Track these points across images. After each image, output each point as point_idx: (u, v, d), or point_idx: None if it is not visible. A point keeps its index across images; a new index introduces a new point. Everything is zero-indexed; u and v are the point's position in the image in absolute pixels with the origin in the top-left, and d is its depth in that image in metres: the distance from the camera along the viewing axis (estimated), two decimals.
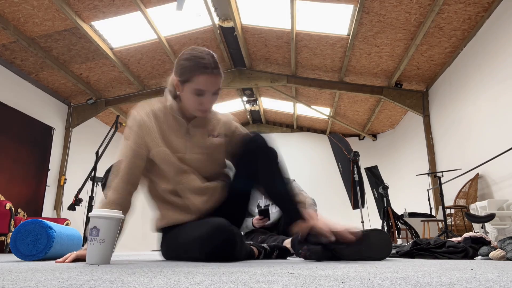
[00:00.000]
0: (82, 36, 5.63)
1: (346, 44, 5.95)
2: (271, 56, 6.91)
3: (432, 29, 5.21)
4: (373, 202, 5.66)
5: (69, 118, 7.36)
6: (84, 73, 6.67)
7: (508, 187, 4.35)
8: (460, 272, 0.81)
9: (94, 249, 1.21)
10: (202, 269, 0.93)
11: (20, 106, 6.09)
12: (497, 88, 4.57)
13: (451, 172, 5.39)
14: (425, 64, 6.12)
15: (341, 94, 7.69)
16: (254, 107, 9.21)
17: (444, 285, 0.56)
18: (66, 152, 7.17)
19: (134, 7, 5.25)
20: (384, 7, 4.97)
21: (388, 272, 0.81)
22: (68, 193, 7.02)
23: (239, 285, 0.57)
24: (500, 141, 4.47)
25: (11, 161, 5.76)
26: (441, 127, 6.28)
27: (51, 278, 0.69)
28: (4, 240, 4.69)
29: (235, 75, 7.46)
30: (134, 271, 0.87)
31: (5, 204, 4.73)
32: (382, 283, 0.59)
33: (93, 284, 0.58)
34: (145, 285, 0.56)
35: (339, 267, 1.00)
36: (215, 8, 5.54)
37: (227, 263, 1.24)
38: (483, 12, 4.76)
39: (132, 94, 7.51)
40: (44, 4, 4.91)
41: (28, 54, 5.83)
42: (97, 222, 1.23)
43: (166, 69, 7.01)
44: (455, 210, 4.91)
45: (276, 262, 1.36)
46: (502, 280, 0.63)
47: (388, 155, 9.03)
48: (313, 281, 0.62)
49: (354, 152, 4.66)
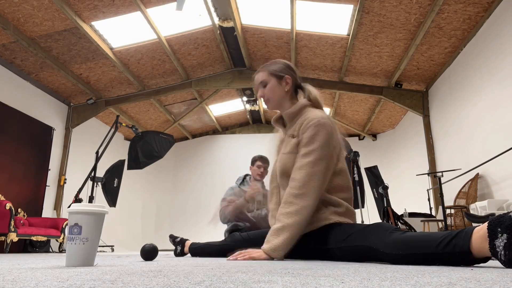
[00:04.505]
0: (82, 36, 5.63)
1: (346, 44, 5.95)
2: (271, 56, 6.91)
3: (432, 29, 5.21)
4: (373, 202, 5.66)
5: (69, 118, 7.36)
6: (84, 73, 6.67)
7: (508, 187, 4.35)
8: (460, 272, 0.81)
9: (76, 249, 1.07)
10: (202, 269, 0.93)
11: (20, 106, 6.09)
12: (497, 88, 4.57)
13: (451, 172, 5.39)
14: (425, 64, 6.12)
15: (341, 94, 7.69)
16: (254, 107, 9.21)
17: (444, 285, 0.55)
18: (66, 152, 7.17)
19: (134, 7, 5.25)
20: (384, 7, 4.97)
21: (388, 272, 0.81)
22: (68, 193, 7.02)
23: (239, 285, 0.57)
24: (500, 141, 4.47)
25: (11, 161, 5.76)
26: (441, 127, 6.28)
27: (51, 278, 0.69)
28: (4, 240, 4.69)
29: (235, 75, 7.46)
30: (134, 271, 0.87)
31: (5, 204, 4.73)
32: (382, 283, 0.59)
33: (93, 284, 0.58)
34: (145, 285, 0.56)
35: (339, 267, 1.00)
36: (215, 8, 5.54)
37: (226, 263, 1.23)
38: (483, 12, 4.76)
39: (132, 94, 7.51)
40: (44, 4, 4.91)
41: (28, 54, 5.83)
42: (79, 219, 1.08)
43: (166, 69, 7.01)
44: (455, 210, 4.91)
45: (276, 262, 1.36)
46: (502, 280, 0.63)
47: (388, 155, 9.03)
48: (313, 281, 0.62)
49: (354, 152, 4.65)
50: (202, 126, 10.12)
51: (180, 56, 6.74)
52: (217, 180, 9.86)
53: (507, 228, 0.93)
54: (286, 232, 1.50)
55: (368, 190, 5.67)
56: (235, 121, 10.28)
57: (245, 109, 9.47)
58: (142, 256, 1.67)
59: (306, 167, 1.56)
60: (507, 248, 0.92)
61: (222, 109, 9.34)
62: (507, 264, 0.92)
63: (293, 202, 1.53)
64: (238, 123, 10.43)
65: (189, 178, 10.26)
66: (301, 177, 1.55)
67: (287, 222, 1.51)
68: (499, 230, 0.95)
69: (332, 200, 1.60)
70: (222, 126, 10.41)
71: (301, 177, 1.55)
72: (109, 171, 6.66)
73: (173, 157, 10.32)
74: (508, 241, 0.92)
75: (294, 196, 1.54)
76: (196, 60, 6.98)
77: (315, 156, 1.57)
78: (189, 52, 6.67)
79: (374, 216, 6.54)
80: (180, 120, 9.11)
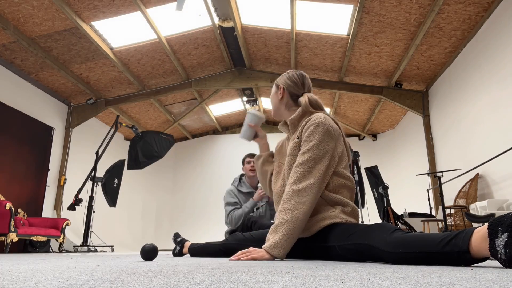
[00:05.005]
0: (82, 36, 5.63)
1: (346, 44, 5.95)
2: (271, 56, 6.91)
3: (432, 29, 5.21)
4: (373, 202, 5.66)
5: (69, 118, 7.36)
6: (84, 73, 6.66)
7: (508, 187, 4.35)
8: (460, 272, 0.81)
9: None
10: (202, 269, 0.93)
11: (20, 106, 6.09)
12: (497, 88, 4.57)
13: (451, 172, 5.39)
14: (425, 64, 6.12)
15: (341, 94, 7.69)
16: (254, 107, 9.21)
17: (444, 285, 0.55)
18: (66, 152, 7.17)
19: (134, 7, 5.25)
20: (384, 7, 4.97)
21: (388, 272, 0.81)
22: (68, 193, 7.02)
23: (239, 285, 0.57)
24: (500, 141, 4.47)
25: (11, 161, 5.76)
26: (441, 127, 6.28)
27: (51, 278, 0.69)
28: (4, 240, 4.69)
29: (235, 75, 7.46)
30: (134, 271, 0.87)
31: (5, 204, 4.73)
32: (382, 283, 0.59)
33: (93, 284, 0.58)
34: (145, 285, 0.56)
35: (339, 267, 1.00)
36: (215, 8, 5.54)
37: (226, 263, 1.24)
38: (483, 12, 4.76)
39: (132, 94, 7.51)
40: (44, 4, 4.91)
41: (28, 54, 5.83)
42: None
43: (166, 69, 7.01)
44: (455, 210, 4.91)
45: (276, 262, 1.36)
46: (502, 280, 0.63)
47: (388, 155, 9.03)
48: (313, 281, 0.62)
49: (354, 152, 4.66)
50: (202, 126, 10.12)
51: (180, 56, 6.74)
52: (217, 180, 9.86)
53: (508, 227, 0.93)
54: (284, 228, 1.52)
55: (368, 190, 5.67)
56: (235, 121, 10.28)
57: (245, 109, 9.47)
58: (142, 256, 1.67)
59: (303, 164, 1.62)
60: (507, 246, 0.92)
61: (222, 109, 9.34)
62: (507, 263, 0.93)
63: (290, 198, 1.57)
64: (238, 123, 10.43)
65: (189, 178, 10.26)
66: (298, 174, 1.61)
67: (284, 218, 1.54)
68: (500, 229, 0.95)
69: (340, 200, 1.65)
70: (222, 126, 10.41)
71: (298, 174, 1.61)
72: (109, 171, 6.66)
73: (173, 157, 10.32)
74: (509, 240, 0.92)
75: (291, 193, 1.58)
76: (196, 60, 6.98)
77: (311, 154, 1.62)
78: (189, 52, 6.67)
79: (374, 216, 6.54)
80: (180, 120, 9.11)
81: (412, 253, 1.16)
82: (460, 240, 1.06)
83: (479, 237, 1.02)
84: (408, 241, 1.20)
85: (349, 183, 1.72)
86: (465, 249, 1.04)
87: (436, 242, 1.11)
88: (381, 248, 1.26)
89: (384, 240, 1.27)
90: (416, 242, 1.17)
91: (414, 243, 1.17)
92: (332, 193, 1.67)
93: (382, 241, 1.27)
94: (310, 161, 1.61)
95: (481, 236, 1.01)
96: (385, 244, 1.25)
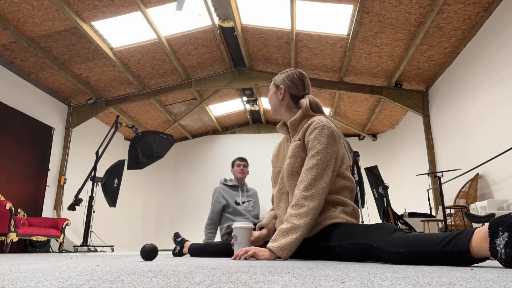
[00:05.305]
0: (82, 36, 5.63)
1: (346, 44, 5.95)
2: (271, 56, 6.91)
3: (432, 29, 5.21)
4: (373, 202, 5.66)
5: (69, 118, 7.36)
6: (84, 73, 6.67)
7: (508, 187, 4.35)
8: (460, 272, 0.81)
9: None
10: (202, 269, 0.93)
11: (20, 106, 6.09)
12: (497, 88, 4.57)
13: (451, 172, 5.39)
14: (425, 64, 6.12)
15: (341, 94, 7.69)
16: (254, 107, 9.21)
17: (444, 285, 0.55)
18: (66, 152, 7.17)
19: (134, 7, 5.26)
20: (384, 7, 4.97)
21: (388, 272, 0.81)
22: (68, 193, 7.02)
23: (239, 285, 0.57)
24: (500, 141, 4.47)
25: (11, 161, 5.76)
26: (441, 127, 6.28)
27: (51, 278, 0.69)
28: (4, 240, 4.69)
29: (235, 75, 7.46)
30: (134, 271, 0.87)
31: (5, 204, 4.73)
32: (382, 283, 0.59)
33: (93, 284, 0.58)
34: (145, 285, 0.56)
35: (339, 267, 1.00)
36: (215, 8, 5.54)
37: (226, 263, 1.24)
38: (483, 12, 4.76)
39: (132, 94, 7.51)
40: (44, 4, 4.91)
41: (28, 54, 5.83)
42: None
43: (166, 69, 7.01)
44: (455, 210, 4.91)
45: (276, 262, 1.36)
46: (502, 280, 0.63)
47: (388, 155, 9.03)
48: (313, 281, 0.62)
49: (354, 152, 4.66)
50: (202, 126, 10.12)
51: (180, 56, 6.74)
52: (217, 180, 9.84)
53: (508, 227, 0.93)
54: (296, 233, 1.54)
55: (368, 190, 5.67)
56: (235, 121, 10.28)
57: (245, 109, 9.47)
58: (142, 256, 1.67)
59: (314, 168, 1.62)
60: (508, 246, 0.92)
61: (222, 109, 9.34)
62: (507, 263, 0.92)
63: (303, 204, 1.58)
64: (238, 123, 10.43)
65: (189, 178, 10.26)
66: (309, 179, 1.61)
67: (296, 224, 1.55)
68: (501, 229, 0.95)
69: (340, 200, 1.67)
70: (222, 126, 10.41)
71: (309, 179, 1.61)
72: (109, 171, 6.66)
73: (173, 157, 10.32)
74: (509, 239, 0.92)
75: (303, 198, 1.59)
76: (196, 60, 6.98)
77: (321, 157, 1.63)
78: (189, 52, 6.67)
79: (374, 216, 6.54)
80: (180, 120, 9.11)
81: (413, 253, 1.17)
82: (460, 240, 1.06)
83: (480, 237, 1.02)
84: (409, 241, 1.20)
85: (350, 184, 1.73)
86: (466, 249, 1.04)
87: (437, 242, 1.11)
88: (382, 248, 1.27)
89: (384, 240, 1.27)
90: (416, 242, 1.17)
91: (414, 243, 1.18)
92: (333, 194, 1.68)
93: (382, 241, 1.28)
94: (320, 164, 1.62)
95: (482, 236, 1.01)
96: (386, 244, 1.26)
